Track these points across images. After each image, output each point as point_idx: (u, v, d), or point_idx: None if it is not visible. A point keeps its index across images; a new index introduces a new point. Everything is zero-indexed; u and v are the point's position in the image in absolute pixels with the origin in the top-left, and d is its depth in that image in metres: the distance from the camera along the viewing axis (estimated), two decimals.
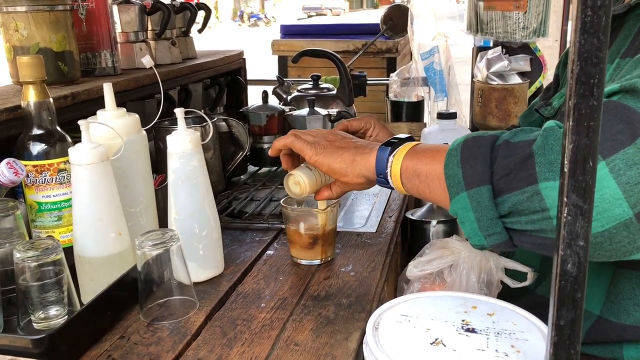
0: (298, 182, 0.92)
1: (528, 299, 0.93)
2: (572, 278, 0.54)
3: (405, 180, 0.80)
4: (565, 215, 0.52)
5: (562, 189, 0.52)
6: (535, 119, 1.08)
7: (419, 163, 0.78)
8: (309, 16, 34.91)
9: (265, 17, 32.29)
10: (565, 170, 0.51)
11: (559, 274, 0.54)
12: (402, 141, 0.83)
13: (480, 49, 1.97)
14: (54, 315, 0.84)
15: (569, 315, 0.54)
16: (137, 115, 1.02)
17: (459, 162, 0.71)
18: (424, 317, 0.76)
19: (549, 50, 2.04)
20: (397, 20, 2.44)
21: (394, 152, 0.81)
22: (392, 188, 0.83)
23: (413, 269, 1.02)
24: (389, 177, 0.81)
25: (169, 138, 0.95)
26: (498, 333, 0.72)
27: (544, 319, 0.73)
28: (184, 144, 0.94)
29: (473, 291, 0.98)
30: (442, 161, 0.73)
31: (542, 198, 0.63)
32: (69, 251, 0.90)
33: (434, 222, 1.33)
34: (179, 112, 0.96)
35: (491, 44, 1.96)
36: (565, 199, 0.52)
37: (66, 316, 0.84)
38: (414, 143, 0.83)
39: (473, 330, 0.73)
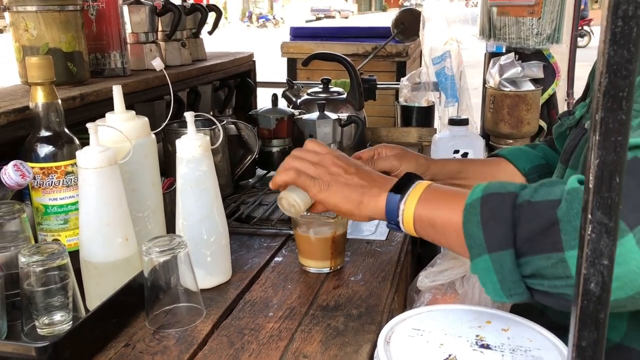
0: (292, 204, 0.87)
1: (538, 320, 0.91)
2: (595, 298, 0.52)
3: (419, 229, 0.77)
4: (589, 232, 0.50)
5: (586, 206, 0.50)
6: (564, 129, 1.06)
7: (433, 213, 0.75)
8: (318, 18, 34.95)
9: (274, 18, 32.33)
10: (590, 186, 0.49)
11: (582, 293, 0.52)
12: (410, 180, 0.79)
13: (493, 55, 1.95)
14: (59, 321, 0.83)
15: (591, 336, 0.52)
16: (146, 119, 1.00)
17: (479, 223, 0.68)
18: (437, 332, 0.74)
19: (562, 56, 2.01)
20: (408, 24, 2.42)
21: (405, 198, 0.77)
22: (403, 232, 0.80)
23: (424, 280, 1.00)
24: (401, 225, 0.78)
25: (178, 142, 0.94)
26: (513, 350, 0.70)
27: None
28: (194, 148, 0.93)
29: (485, 303, 0.96)
30: (459, 212, 0.70)
31: (568, 266, 0.62)
32: (74, 255, 0.88)
33: None
34: (189, 116, 0.94)
35: (504, 50, 1.94)
36: (589, 216, 0.50)
37: (71, 322, 0.83)
38: (424, 185, 0.78)
39: (488, 347, 0.71)
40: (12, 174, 0.86)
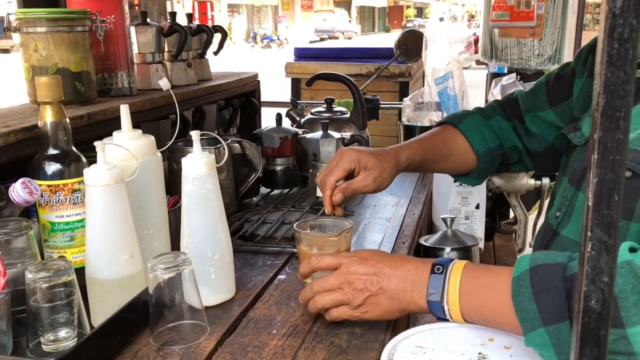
0: None
1: None
2: (595, 315, 0.52)
3: (471, 321, 0.79)
4: (589, 250, 0.51)
5: (585, 223, 0.51)
6: (539, 102, 1.07)
7: (479, 305, 0.76)
8: (321, 39, 35.29)
9: (278, 39, 32.65)
10: (590, 204, 0.50)
11: (582, 310, 0.53)
12: (440, 281, 0.79)
13: (495, 75, 1.97)
14: (64, 338, 0.83)
15: (593, 353, 0.53)
16: (152, 137, 1.02)
17: (531, 296, 0.68)
18: (440, 349, 0.75)
19: None
20: (411, 45, 2.44)
21: (445, 302, 0.79)
22: None
23: None
24: (450, 320, 0.81)
25: (184, 160, 0.95)
26: None
27: None
28: (199, 166, 0.94)
29: None
30: (505, 290, 0.71)
31: (630, 343, 0.62)
32: (80, 272, 0.89)
33: (447, 249, 1.32)
34: (195, 134, 0.96)
35: (505, 71, 1.96)
36: (589, 234, 0.51)
37: (76, 338, 0.83)
38: (457, 279, 0.78)
39: None
40: (20, 191, 0.87)
